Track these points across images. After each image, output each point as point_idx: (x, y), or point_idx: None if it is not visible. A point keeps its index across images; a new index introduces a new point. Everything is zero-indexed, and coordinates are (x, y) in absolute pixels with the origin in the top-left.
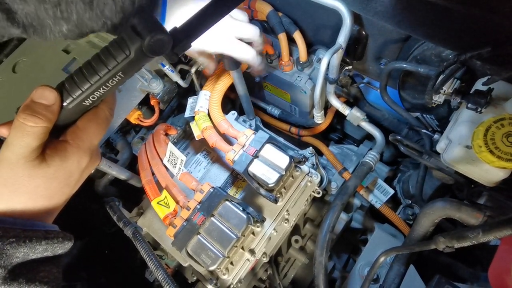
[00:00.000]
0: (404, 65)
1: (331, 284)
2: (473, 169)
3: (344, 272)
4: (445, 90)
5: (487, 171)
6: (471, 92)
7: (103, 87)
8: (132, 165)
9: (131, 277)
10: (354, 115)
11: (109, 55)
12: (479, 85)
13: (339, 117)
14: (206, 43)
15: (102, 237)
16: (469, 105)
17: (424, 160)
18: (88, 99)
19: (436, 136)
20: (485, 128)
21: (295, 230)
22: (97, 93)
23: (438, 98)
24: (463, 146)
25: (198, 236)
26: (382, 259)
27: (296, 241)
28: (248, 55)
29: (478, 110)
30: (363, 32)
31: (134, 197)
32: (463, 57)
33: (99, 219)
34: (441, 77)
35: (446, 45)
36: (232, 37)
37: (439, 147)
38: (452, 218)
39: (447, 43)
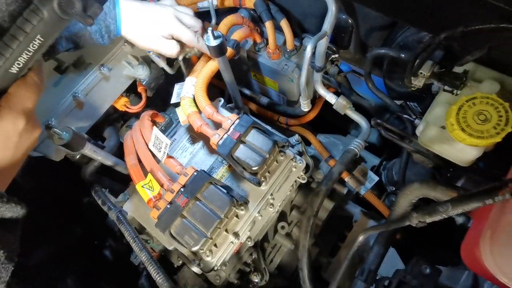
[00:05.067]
0: (386, 51)
1: (317, 269)
2: (448, 148)
3: (330, 258)
4: (423, 74)
5: (461, 150)
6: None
7: (26, 52)
8: (120, 154)
9: (119, 263)
10: (340, 103)
11: (25, 20)
12: (457, 70)
13: (330, 108)
14: (136, 40)
15: (90, 227)
16: (446, 87)
17: (405, 144)
18: (13, 66)
19: (417, 121)
20: (458, 107)
21: (282, 217)
22: (21, 59)
23: (418, 82)
24: (439, 127)
25: (181, 217)
26: (361, 238)
27: (283, 227)
28: (172, 51)
29: (454, 92)
30: (349, 21)
31: (123, 187)
32: (438, 38)
33: (88, 210)
34: (418, 59)
35: (421, 27)
36: (159, 34)
37: (418, 130)
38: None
39: (422, 25)
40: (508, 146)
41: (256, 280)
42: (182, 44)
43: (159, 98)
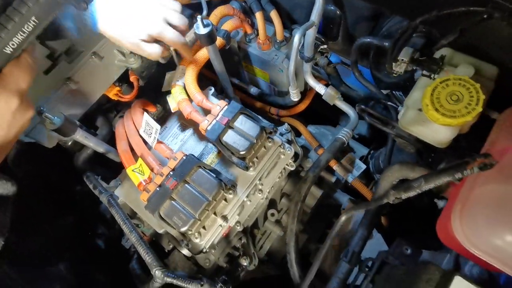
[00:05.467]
0: (371, 40)
1: (306, 256)
2: (424, 130)
3: (318, 244)
4: (404, 60)
5: (436, 131)
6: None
7: (20, 33)
8: (113, 144)
9: (110, 248)
10: (329, 93)
11: (21, 2)
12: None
13: (321, 101)
14: (115, 39)
15: (83, 215)
16: (424, 72)
17: (388, 129)
18: (7, 46)
19: (400, 107)
20: (432, 88)
21: (272, 204)
22: (15, 40)
23: (399, 68)
24: (416, 109)
25: (170, 200)
26: (343, 218)
27: (272, 214)
28: (154, 55)
29: (432, 76)
30: (337, 12)
31: (115, 175)
32: (414, 23)
33: (81, 198)
34: (397, 44)
35: (399, 13)
36: (140, 36)
37: (399, 115)
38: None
39: (399, 10)
40: (484, 127)
41: (245, 264)
42: (165, 45)
43: (152, 89)
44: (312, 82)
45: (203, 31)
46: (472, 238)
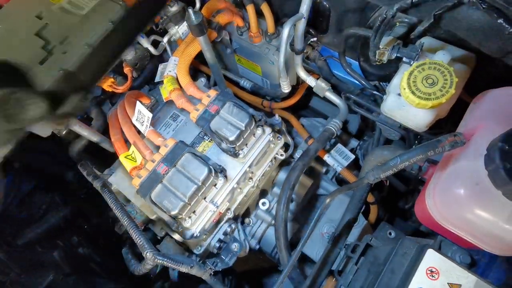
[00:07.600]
0: (356, 31)
1: (295, 246)
2: (404, 114)
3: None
4: (385, 47)
5: (415, 115)
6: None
7: None
8: (107, 134)
9: (104, 235)
10: (319, 85)
11: None
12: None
13: (316, 97)
14: None
15: (78, 205)
16: (404, 58)
17: (372, 116)
18: None
19: (385, 96)
20: (409, 72)
21: (264, 194)
22: None
23: (382, 56)
24: (396, 94)
25: (161, 184)
26: (328, 200)
27: (264, 203)
28: None
29: (411, 63)
30: (326, 5)
31: (110, 165)
32: (392, 11)
33: (76, 188)
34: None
35: (380, 1)
36: None
37: (383, 102)
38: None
39: None
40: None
41: (236, 250)
42: None
43: (145, 81)
44: (302, 74)
45: (193, 22)
46: (444, 213)
